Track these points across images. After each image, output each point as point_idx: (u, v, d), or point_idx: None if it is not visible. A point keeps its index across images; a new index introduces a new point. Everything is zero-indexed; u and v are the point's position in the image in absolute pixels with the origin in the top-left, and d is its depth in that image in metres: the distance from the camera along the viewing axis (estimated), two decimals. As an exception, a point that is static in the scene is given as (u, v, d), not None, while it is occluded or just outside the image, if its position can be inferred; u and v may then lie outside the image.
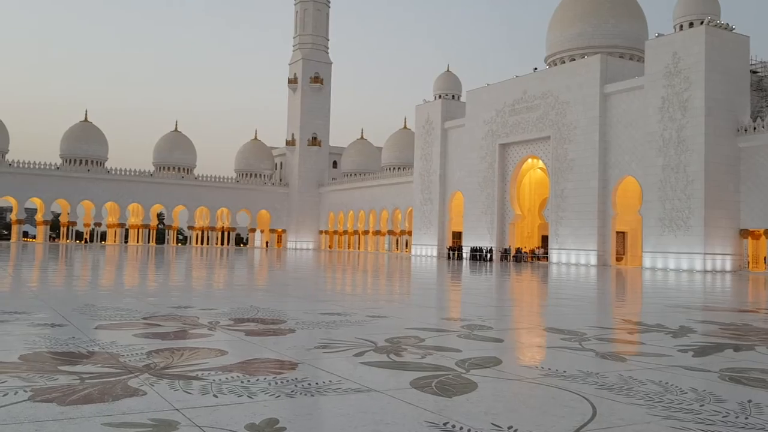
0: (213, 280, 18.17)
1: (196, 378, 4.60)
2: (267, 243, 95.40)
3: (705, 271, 41.71)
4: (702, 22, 45.80)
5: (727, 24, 46.12)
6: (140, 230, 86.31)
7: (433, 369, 5.20)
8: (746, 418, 3.90)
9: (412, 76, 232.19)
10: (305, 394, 4.26)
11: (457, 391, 4.48)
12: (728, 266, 43.69)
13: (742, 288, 23.32)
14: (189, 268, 25.04)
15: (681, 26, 47.82)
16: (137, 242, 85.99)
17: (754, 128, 43.81)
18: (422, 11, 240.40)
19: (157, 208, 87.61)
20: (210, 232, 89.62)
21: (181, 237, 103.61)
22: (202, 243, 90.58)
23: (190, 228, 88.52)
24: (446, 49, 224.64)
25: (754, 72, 49.24)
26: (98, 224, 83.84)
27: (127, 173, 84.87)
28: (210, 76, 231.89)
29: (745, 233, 44.58)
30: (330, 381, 4.66)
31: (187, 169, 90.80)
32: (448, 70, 71.90)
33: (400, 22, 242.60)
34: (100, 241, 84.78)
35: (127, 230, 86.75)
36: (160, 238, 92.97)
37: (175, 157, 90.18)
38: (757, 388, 4.82)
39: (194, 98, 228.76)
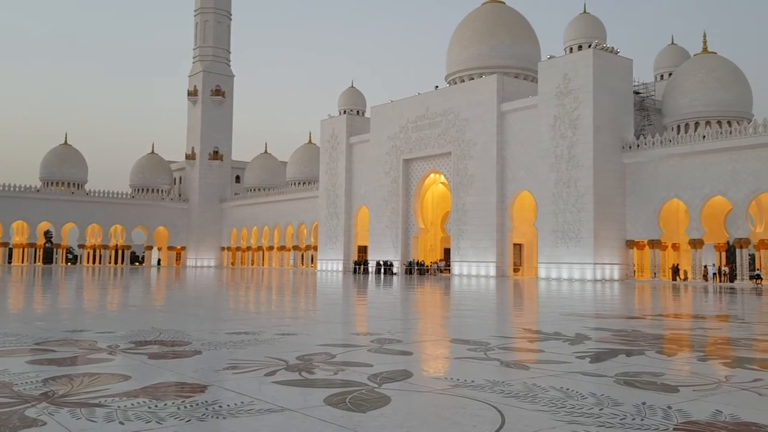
0: (107, 301, 17.27)
1: (99, 405, 4.36)
2: (159, 261, 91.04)
3: (595, 281, 44.18)
4: (590, 45, 48.85)
5: (613, 47, 49.46)
6: (26, 249, 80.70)
7: (345, 385, 5.20)
8: (642, 420, 4.17)
9: (316, 91, 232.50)
10: (217, 417, 4.15)
11: (370, 405, 4.51)
12: (616, 275, 46.52)
13: (629, 296, 24.90)
14: (80, 289, 23.65)
15: (571, 49, 50.74)
16: (22, 262, 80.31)
17: (638, 145, 47.11)
18: (327, 27, 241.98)
19: (45, 225, 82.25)
20: (102, 250, 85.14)
21: (70, 256, 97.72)
22: (93, 262, 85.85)
23: (81, 246, 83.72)
24: (351, 65, 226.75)
25: (636, 93, 53.08)
26: (-23, 243, 77.54)
27: (12, 189, 79.25)
28: (103, 86, 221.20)
29: (630, 244, 47.70)
30: (242, 402, 4.55)
31: (78, 184, 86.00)
32: (352, 86, 72.54)
33: (304, 38, 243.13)
34: (-21, 262, 78.37)
35: (10, 249, 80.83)
36: (48, 258, 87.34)
37: (65, 172, 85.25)
38: (650, 391, 5.16)
39: (86, 109, 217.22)
